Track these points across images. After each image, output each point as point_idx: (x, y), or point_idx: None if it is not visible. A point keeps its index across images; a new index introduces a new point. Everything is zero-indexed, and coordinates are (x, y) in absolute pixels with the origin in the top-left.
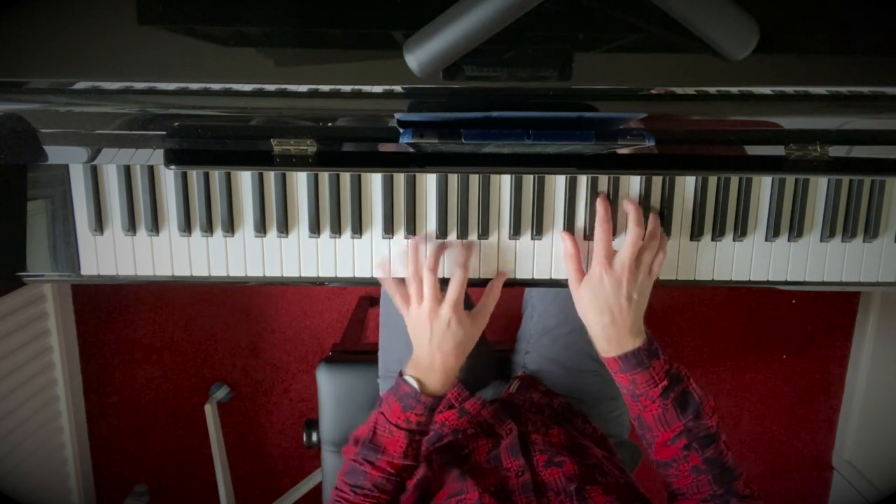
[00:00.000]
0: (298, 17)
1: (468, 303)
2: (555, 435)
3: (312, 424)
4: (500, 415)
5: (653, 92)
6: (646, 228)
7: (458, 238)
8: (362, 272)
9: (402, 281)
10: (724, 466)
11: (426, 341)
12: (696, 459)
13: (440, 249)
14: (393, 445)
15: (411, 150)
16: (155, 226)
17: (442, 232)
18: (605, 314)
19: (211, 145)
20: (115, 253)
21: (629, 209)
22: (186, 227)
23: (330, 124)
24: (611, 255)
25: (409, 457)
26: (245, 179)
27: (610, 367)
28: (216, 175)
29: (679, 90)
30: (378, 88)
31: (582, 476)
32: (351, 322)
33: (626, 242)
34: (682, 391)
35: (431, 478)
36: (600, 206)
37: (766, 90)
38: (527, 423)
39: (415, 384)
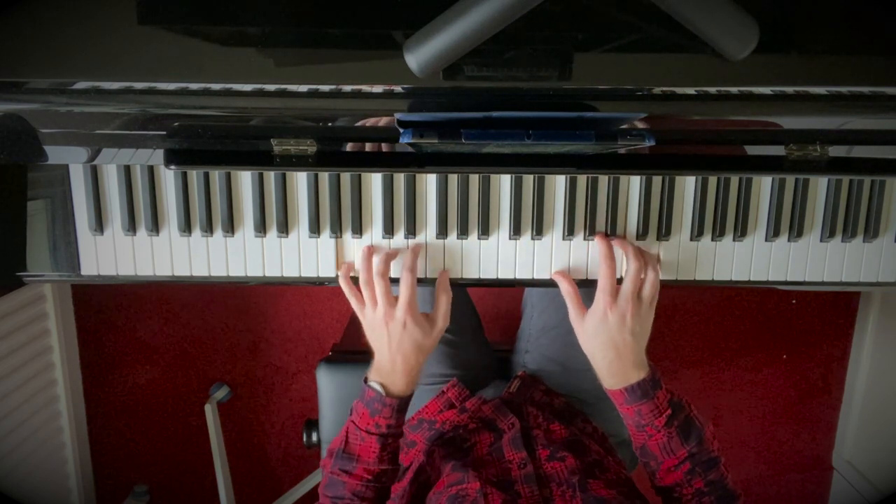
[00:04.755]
0: (298, 17)
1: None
2: (556, 431)
3: (312, 424)
4: (501, 410)
5: (653, 92)
6: (641, 262)
7: (457, 238)
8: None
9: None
10: (725, 488)
11: (385, 345)
12: (699, 483)
13: (390, 255)
14: (366, 452)
15: (411, 150)
16: (155, 226)
17: (442, 232)
18: (610, 350)
19: (211, 145)
20: (115, 253)
21: (625, 247)
22: (186, 227)
23: (330, 124)
24: (615, 290)
25: (385, 461)
26: (245, 179)
27: (615, 399)
28: (216, 175)
29: (679, 90)
30: (378, 88)
31: (584, 470)
32: (351, 322)
33: (628, 278)
34: (685, 419)
35: (431, 470)
36: (602, 242)
37: (766, 90)
38: (528, 419)
39: (379, 388)
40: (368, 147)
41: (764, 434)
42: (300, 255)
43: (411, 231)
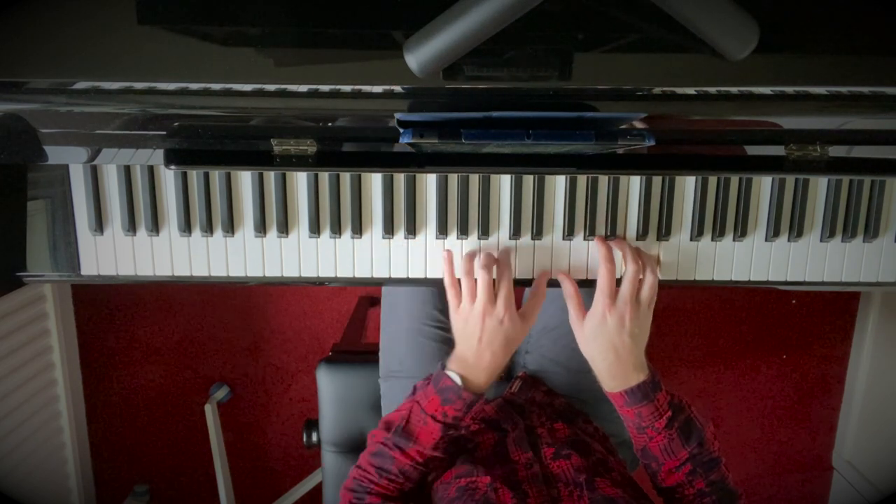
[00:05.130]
0: (298, 17)
1: None
2: (559, 430)
3: (312, 424)
4: (504, 410)
5: (653, 92)
6: (640, 264)
7: (457, 238)
8: (362, 272)
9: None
10: (726, 488)
11: (475, 339)
12: (700, 484)
13: (491, 254)
14: (426, 436)
15: (411, 150)
16: (155, 226)
17: (442, 232)
18: (609, 352)
19: (211, 145)
20: (115, 253)
21: (624, 248)
22: (186, 228)
23: (330, 124)
24: (613, 293)
25: (440, 449)
26: (245, 179)
27: (615, 401)
28: (216, 175)
29: (679, 90)
30: (378, 88)
31: (590, 469)
32: (351, 322)
33: (626, 280)
34: (685, 420)
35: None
36: (602, 245)
37: (766, 90)
38: (532, 418)
39: (458, 379)
40: (368, 147)
41: (764, 434)
42: (300, 255)
43: (411, 231)
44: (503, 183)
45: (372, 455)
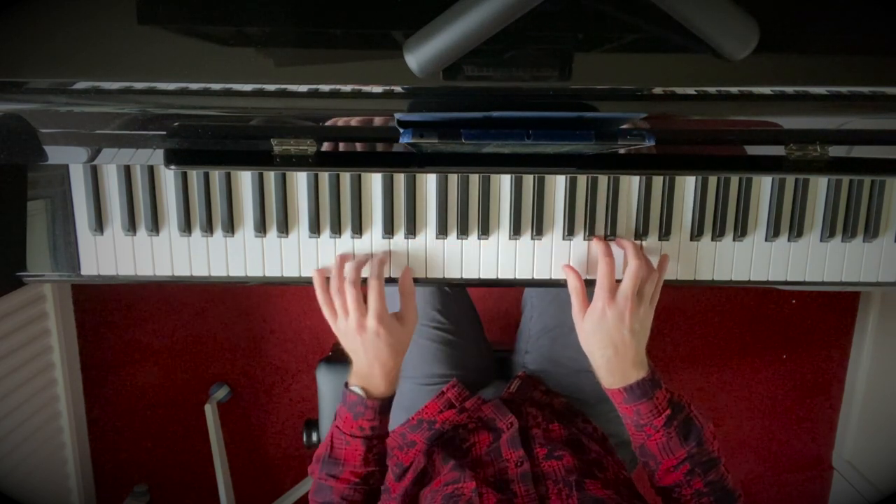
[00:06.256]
0: (298, 17)
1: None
2: (555, 430)
3: (312, 424)
4: (501, 410)
5: (653, 92)
6: (643, 261)
7: (457, 238)
8: (363, 272)
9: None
10: (724, 489)
11: (361, 352)
12: (698, 484)
13: (361, 263)
14: (352, 455)
15: (411, 150)
16: (155, 226)
17: (442, 232)
18: (608, 347)
19: (211, 145)
20: (115, 253)
21: (625, 245)
22: (186, 228)
23: (330, 124)
24: (613, 288)
25: (371, 463)
26: (245, 179)
27: (614, 398)
28: (216, 175)
29: (679, 90)
30: (378, 88)
31: (581, 470)
32: None
33: (627, 275)
34: (684, 419)
35: (431, 471)
36: (600, 243)
37: (766, 90)
38: (528, 418)
39: (360, 391)
40: (368, 147)
41: (764, 434)
42: (300, 255)
43: (411, 231)
44: (503, 183)
45: (314, 493)
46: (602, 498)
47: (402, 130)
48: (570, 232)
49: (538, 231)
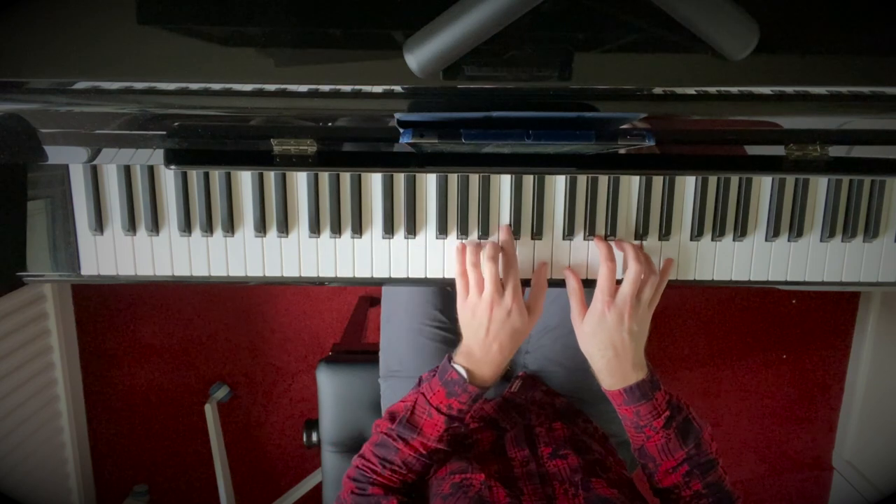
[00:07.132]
0: (298, 17)
1: None
2: (558, 429)
3: (312, 424)
4: (503, 409)
5: (653, 92)
6: (643, 264)
7: (457, 238)
8: (362, 272)
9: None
10: (723, 490)
11: (483, 330)
12: (697, 485)
13: (496, 243)
14: (430, 428)
15: (411, 150)
16: (155, 226)
17: (442, 232)
18: (608, 349)
19: (211, 145)
20: (115, 253)
21: (626, 247)
22: (186, 227)
23: (330, 124)
24: (613, 290)
25: (444, 441)
26: (245, 179)
27: (614, 399)
28: (216, 175)
29: (679, 90)
30: (378, 88)
31: (586, 469)
32: (351, 322)
33: (627, 278)
34: (683, 420)
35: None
36: (602, 245)
37: (766, 90)
38: (530, 417)
39: (464, 373)
40: (368, 147)
41: (764, 434)
42: (300, 255)
43: (411, 231)
44: (503, 183)
45: (376, 445)
46: (608, 497)
47: (402, 130)
48: (569, 232)
49: (538, 231)
